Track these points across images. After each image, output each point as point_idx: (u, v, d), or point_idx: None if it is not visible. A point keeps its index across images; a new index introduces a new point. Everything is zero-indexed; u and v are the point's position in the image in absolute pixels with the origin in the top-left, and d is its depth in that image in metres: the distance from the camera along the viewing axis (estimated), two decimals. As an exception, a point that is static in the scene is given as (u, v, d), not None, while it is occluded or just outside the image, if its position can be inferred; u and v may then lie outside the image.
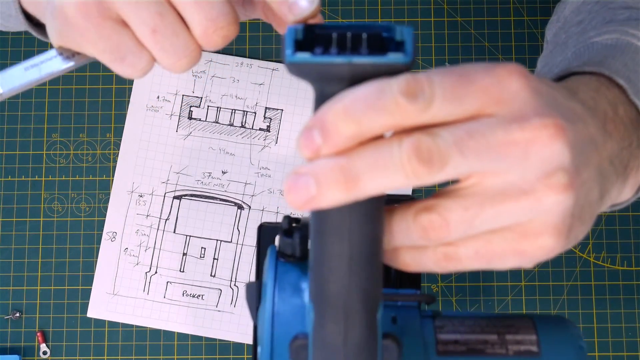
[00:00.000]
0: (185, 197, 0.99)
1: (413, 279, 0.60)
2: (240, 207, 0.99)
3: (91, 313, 0.97)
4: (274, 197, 0.99)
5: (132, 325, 0.97)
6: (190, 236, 0.99)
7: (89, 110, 1.01)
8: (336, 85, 0.48)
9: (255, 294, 0.61)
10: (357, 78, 0.47)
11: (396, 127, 0.47)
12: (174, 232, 0.99)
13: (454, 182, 0.49)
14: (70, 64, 0.58)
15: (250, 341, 0.96)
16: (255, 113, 1.01)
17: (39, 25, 0.65)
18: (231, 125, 1.01)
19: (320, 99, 0.48)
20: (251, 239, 0.98)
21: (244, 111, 1.01)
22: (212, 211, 0.99)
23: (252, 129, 1.01)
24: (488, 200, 0.49)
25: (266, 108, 1.01)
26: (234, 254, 0.98)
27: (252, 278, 0.97)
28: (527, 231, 0.50)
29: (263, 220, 0.98)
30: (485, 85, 0.48)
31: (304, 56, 0.47)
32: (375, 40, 0.48)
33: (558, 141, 0.48)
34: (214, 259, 0.98)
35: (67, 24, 0.55)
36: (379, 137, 0.48)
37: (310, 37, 0.49)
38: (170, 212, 0.99)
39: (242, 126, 1.01)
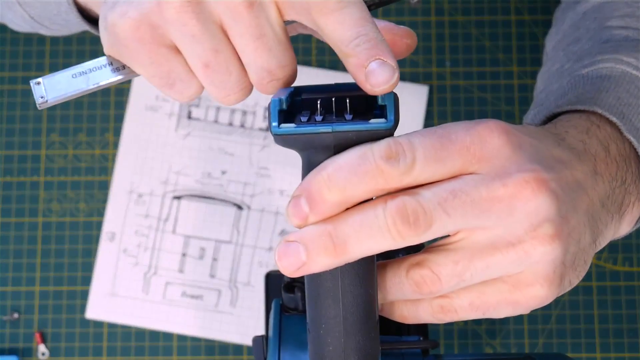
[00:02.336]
0: (185, 197, 0.99)
1: (420, 326, 0.61)
2: (239, 207, 0.99)
3: (90, 314, 0.97)
4: (273, 197, 0.99)
5: (131, 326, 0.96)
6: (189, 236, 0.98)
7: (87, 110, 1.01)
8: (322, 152, 0.49)
9: (261, 348, 0.63)
10: (342, 145, 0.49)
11: (380, 192, 0.48)
12: (173, 232, 0.98)
13: (444, 236, 0.50)
14: (119, 77, 0.55)
15: (249, 342, 0.96)
16: (254, 113, 1.01)
17: (92, 20, 0.62)
18: (230, 125, 1.01)
19: (308, 166, 0.50)
20: (251, 239, 0.98)
21: (243, 111, 1.01)
22: (212, 211, 0.99)
23: (252, 128, 1.00)
24: (477, 253, 0.50)
25: (266, 108, 1.01)
26: (234, 254, 0.98)
27: (252, 279, 0.97)
28: (518, 282, 0.51)
29: (263, 221, 0.98)
30: (467, 144, 0.49)
31: (289, 128, 0.48)
32: (360, 101, 0.49)
33: (541, 194, 0.49)
34: (213, 259, 0.98)
35: (118, 41, 0.53)
36: (365, 201, 0.49)
37: (296, 102, 0.50)
38: (169, 213, 0.99)
39: (242, 126, 1.01)
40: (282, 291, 0.62)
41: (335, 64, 1.02)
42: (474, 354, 0.62)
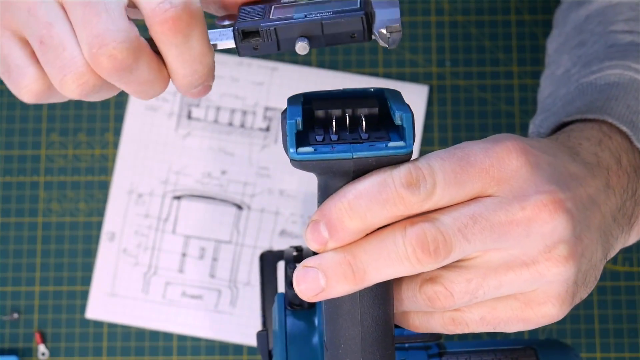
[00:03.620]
0: (185, 197, 0.99)
1: None
2: (239, 207, 0.99)
3: (90, 314, 0.97)
4: (273, 197, 0.99)
5: (131, 326, 0.96)
6: (189, 236, 0.98)
7: (87, 110, 1.01)
8: (340, 177, 0.49)
9: (266, 342, 0.63)
10: (360, 170, 0.49)
11: (400, 217, 0.48)
12: (173, 232, 0.98)
13: None
14: None
15: (249, 342, 0.96)
16: (254, 113, 1.01)
17: None
18: (230, 125, 1.00)
19: (325, 190, 0.50)
20: (251, 239, 0.98)
21: (243, 111, 1.01)
22: (212, 211, 0.98)
23: (252, 128, 1.00)
24: (490, 272, 0.50)
25: (266, 108, 1.01)
26: (234, 254, 0.98)
27: (252, 279, 0.97)
28: (531, 300, 0.51)
29: (263, 221, 0.98)
30: (485, 167, 0.49)
31: (307, 154, 0.48)
32: (373, 118, 0.49)
33: (557, 216, 0.49)
34: (213, 259, 0.98)
35: None
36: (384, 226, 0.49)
37: (306, 112, 0.50)
38: (169, 213, 0.99)
39: (242, 126, 1.00)
40: (285, 288, 0.62)
41: (335, 64, 1.02)
42: (477, 342, 0.62)
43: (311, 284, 0.49)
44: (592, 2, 0.76)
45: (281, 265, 0.77)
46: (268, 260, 0.75)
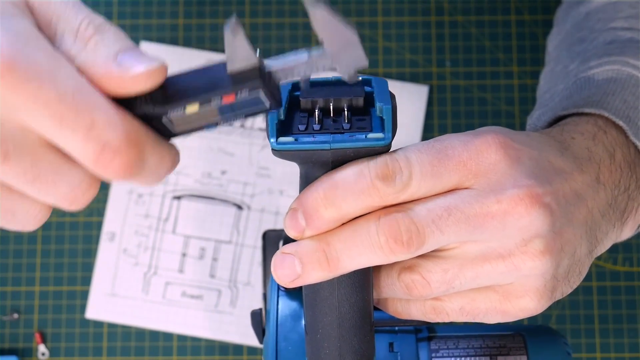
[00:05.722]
0: (185, 197, 0.99)
1: None
2: (239, 207, 0.99)
3: (90, 314, 0.97)
4: (273, 197, 0.99)
5: (131, 326, 0.96)
6: (189, 236, 0.98)
7: (87, 110, 1.01)
8: (319, 167, 0.50)
9: (259, 321, 0.64)
10: (339, 160, 0.49)
11: (376, 208, 0.49)
12: (173, 232, 0.98)
13: None
14: None
15: (249, 342, 0.96)
16: (254, 113, 1.01)
17: None
18: (230, 125, 1.00)
19: (305, 179, 0.50)
20: (251, 239, 0.98)
21: (243, 111, 1.01)
22: (212, 211, 0.98)
23: (252, 128, 1.00)
24: (467, 263, 0.51)
25: (266, 108, 1.01)
26: (234, 254, 0.98)
27: (252, 279, 0.97)
28: (509, 293, 0.52)
29: (263, 221, 0.98)
30: (464, 159, 0.50)
31: (287, 144, 0.48)
32: (358, 106, 0.50)
33: (534, 210, 0.49)
34: (213, 259, 0.98)
35: None
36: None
37: (294, 99, 0.50)
38: (169, 213, 0.99)
39: (242, 126, 1.00)
40: None
41: (335, 63, 1.02)
42: (467, 327, 0.63)
43: (288, 270, 0.50)
44: (592, 0, 0.76)
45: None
46: (271, 239, 0.76)
